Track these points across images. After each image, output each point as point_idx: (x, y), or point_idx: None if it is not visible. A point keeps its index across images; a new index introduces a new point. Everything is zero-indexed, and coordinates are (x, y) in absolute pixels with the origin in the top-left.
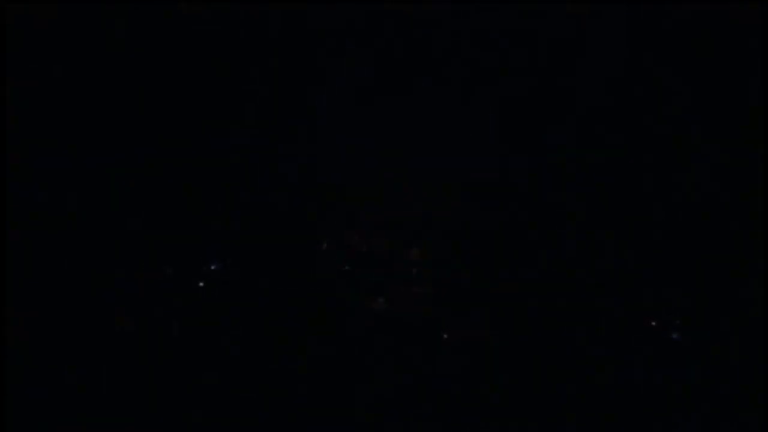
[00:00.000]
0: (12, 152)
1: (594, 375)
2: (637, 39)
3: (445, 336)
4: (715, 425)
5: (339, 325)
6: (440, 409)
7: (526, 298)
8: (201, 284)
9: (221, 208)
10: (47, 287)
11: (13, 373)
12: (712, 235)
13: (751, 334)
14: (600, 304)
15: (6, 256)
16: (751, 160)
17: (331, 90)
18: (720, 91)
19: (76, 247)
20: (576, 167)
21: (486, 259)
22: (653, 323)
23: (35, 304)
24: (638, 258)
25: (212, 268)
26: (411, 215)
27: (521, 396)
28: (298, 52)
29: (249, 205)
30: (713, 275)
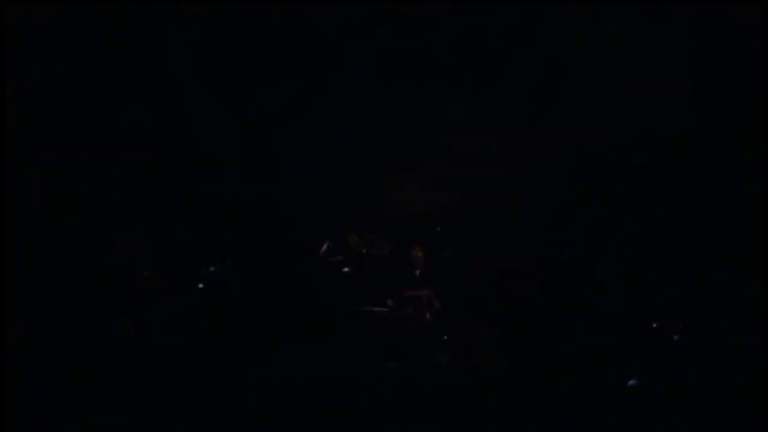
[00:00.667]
0: (12, 152)
1: (595, 375)
2: (637, 39)
3: (445, 336)
4: (715, 425)
5: (339, 326)
6: (440, 409)
7: (527, 298)
8: (200, 285)
9: (221, 208)
10: (47, 287)
11: (13, 373)
12: (712, 235)
13: (752, 334)
14: (601, 304)
15: (6, 256)
16: (751, 160)
17: (331, 90)
18: (720, 91)
19: (76, 247)
20: (576, 167)
21: (486, 259)
22: (654, 324)
23: (35, 304)
24: (638, 258)
25: (211, 269)
26: (411, 215)
27: (521, 396)
28: (298, 52)
29: (249, 205)
30: (713, 275)
